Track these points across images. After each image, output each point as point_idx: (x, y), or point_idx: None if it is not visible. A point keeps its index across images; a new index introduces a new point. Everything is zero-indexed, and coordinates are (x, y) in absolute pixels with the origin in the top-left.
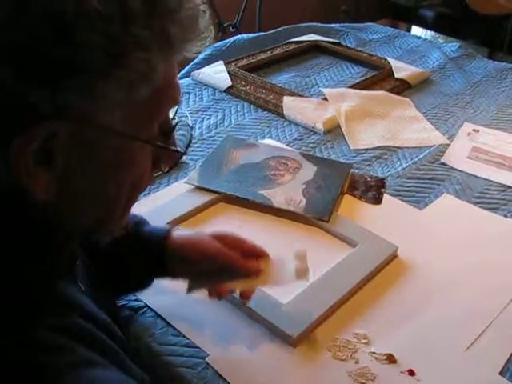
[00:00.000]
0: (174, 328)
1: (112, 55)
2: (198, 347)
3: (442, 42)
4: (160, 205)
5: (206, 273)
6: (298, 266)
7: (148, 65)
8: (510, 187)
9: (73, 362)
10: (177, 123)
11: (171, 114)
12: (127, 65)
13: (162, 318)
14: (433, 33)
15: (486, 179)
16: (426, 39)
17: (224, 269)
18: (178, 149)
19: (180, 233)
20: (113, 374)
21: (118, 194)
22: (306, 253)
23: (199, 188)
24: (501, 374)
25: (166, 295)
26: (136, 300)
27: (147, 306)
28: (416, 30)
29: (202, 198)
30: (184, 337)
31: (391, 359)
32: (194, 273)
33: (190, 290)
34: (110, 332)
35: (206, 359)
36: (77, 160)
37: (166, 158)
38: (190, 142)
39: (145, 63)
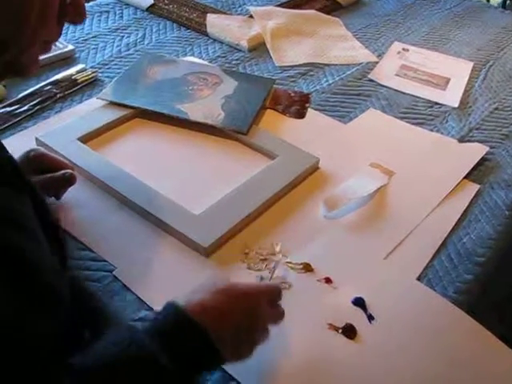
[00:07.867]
0: (81, 242)
1: None
2: (105, 260)
3: None
4: (71, 121)
5: None
6: None
7: None
8: (436, 103)
9: None
10: None
11: None
12: None
13: (68, 233)
14: None
15: (414, 95)
16: None
17: None
18: None
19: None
20: None
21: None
22: None
23: (113, 103)
24: (418, 279)
25: (73, 210)
26: None
27: None
28: None
29: (116, 114)
30: (90, 250)
31: (308, 268)
32: None
33: None
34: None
35: (113, 272)
36: None
37: None
38: None
39: None
